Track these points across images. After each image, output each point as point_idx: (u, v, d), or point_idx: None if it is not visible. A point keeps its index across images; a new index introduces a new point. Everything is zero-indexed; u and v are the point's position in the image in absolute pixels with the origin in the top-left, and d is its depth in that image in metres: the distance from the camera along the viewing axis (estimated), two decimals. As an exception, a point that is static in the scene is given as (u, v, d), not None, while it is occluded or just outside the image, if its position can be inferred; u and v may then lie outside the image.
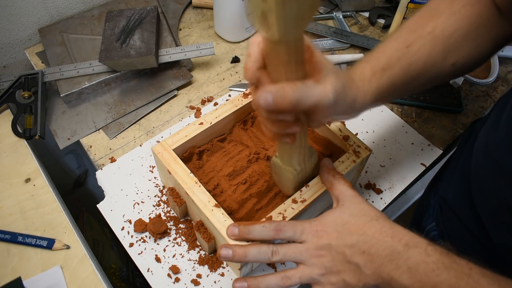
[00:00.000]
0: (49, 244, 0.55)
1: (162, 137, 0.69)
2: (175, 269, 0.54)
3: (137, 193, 0.61)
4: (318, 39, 0.86)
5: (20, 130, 0.68)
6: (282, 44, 0.32)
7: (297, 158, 0.47)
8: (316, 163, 0.52)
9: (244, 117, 0.61)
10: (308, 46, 0.35)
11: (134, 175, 0.63)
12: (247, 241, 0.45)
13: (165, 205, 0.60)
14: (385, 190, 0.64)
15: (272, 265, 0.55)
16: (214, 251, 0.55)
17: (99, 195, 0.62)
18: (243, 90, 0.68)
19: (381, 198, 0.63)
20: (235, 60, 0.81)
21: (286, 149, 0.46)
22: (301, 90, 0.34)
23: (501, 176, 0.43)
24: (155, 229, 0.56)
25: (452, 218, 0.56)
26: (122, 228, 0.58)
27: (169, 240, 0.57)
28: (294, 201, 0.49)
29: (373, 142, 0.70)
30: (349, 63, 0.81)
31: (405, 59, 0.43)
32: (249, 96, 0.59)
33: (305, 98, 0.35)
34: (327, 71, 0.37)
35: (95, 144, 0.68)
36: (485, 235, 0.48)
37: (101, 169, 0.64)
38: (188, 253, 0.56)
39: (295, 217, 0.49)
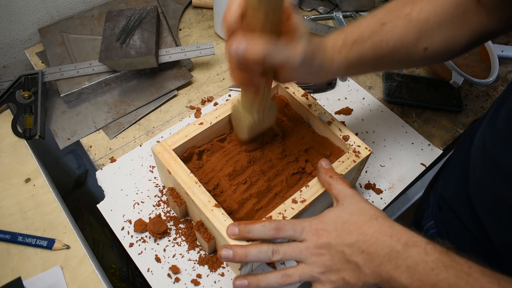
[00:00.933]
0: (49, 244, 0.55)
1: (162, 137, 0.69)
2: (175, 269, 0.54)
3: (137, 193, 0.61)
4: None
5: (20, 130, 0.68)
6: (262, 4, 0.35)
7: (257, 108, 0.50)
8: (274, 117, 0.56)
9: (244, 117, 0.61)
10: (288, 7, 0.38)
11: (134, 175, 0.63)
12: (247, 240, 0.45)
13: (165, 205, 0.60)
14: (385, 190, 0.64)
15: (272, 265, 0.55)
16: (214, 251, 0.55)
17: (99, 195, 0.62)
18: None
19: (381, 198, 0.63)
20: (235, 60, 0.81)
21: (248, 98, 0.49)
22: (272, 47, 0.37)
23: (498, 173, 0.43)
24: (155, 229, 0.56)
25: (450, 216, 0.56)
26: (122, 228, 0.58)
27: (169, 240, 0.57)
28: (294, 201, 0.49)
29: (373, 142, 0.70)
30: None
31: (377, 36, 0.45)
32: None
33: (274, 55, 0.38)
34: (300, 34, 0.39)
35: (95, 144, 0.68)
36: (483, 233, 0.48)
37: (101, 169, 0.64)
38: (188, 253, 0.56)
39: (295, 217, 0.49)
